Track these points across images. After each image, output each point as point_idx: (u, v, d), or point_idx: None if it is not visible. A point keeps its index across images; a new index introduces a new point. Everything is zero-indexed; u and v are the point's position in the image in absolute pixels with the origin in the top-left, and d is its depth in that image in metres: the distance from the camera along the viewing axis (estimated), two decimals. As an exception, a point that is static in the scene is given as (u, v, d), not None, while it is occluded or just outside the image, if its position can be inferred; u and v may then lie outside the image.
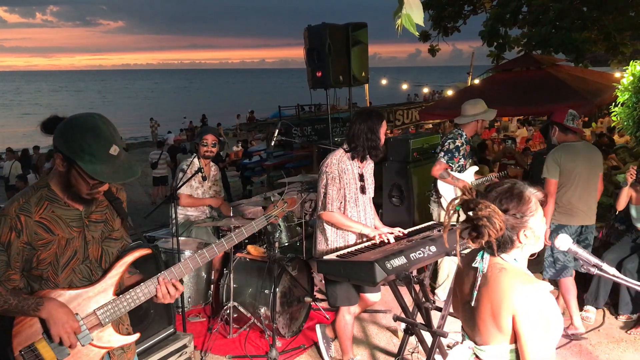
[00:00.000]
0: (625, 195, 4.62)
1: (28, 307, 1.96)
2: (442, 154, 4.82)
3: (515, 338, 1.80)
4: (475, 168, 5.09)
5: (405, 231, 3.72)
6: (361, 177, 3.70)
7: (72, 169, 1.95)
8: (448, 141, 4.85)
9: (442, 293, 5.13)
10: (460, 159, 4.87)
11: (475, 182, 4.93)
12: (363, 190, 3.70)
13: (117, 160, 1.96)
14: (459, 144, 4.84)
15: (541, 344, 1.75)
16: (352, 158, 3.65)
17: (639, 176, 4.44)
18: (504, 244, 1.86)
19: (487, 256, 1.89)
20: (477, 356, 1.94)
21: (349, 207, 3.65)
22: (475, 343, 1.95)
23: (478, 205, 1.81)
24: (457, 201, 1.88)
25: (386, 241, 3.49)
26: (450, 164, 4.82)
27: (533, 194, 1.87)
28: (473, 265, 1.93)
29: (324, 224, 3.70)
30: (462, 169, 4.91)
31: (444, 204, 4.88)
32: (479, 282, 1.89)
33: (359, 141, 3.59)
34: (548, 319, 1.76)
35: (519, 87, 8.94)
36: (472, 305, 1.91)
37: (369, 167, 3.81)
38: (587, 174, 4.31)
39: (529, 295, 1.76)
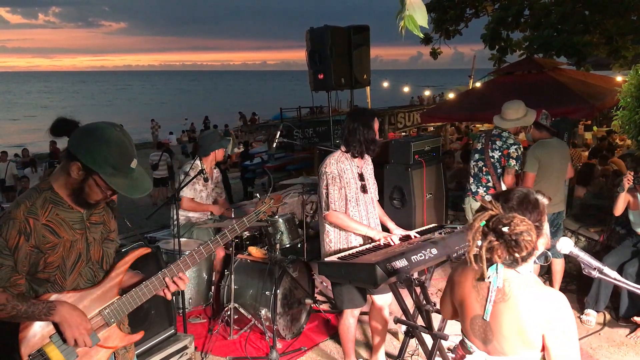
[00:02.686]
0: (623, 200, 4.62)
1: (39, 312, 1.95)
2: (514, 162, 4.72)
3: (536, 346, 1.83)
4: None
5: (418, 235, 3.71)
6: (361, 177, 3.70)
7: (90, 178, 1.96)
8: (514, 148, 4.75)
9: None
10: None
11: None
12: (364, 189, 3.70)
13: (134, 173, 2.00)
14: (522, 150, 4.81)
15: (576, 353, 1.80)
16: (353, 157, 3.66)
17: (636, 181, 4.46)
18: (529, 255, 1.83)
19: (501, 269, 1.86)
20: None
21: (351, 206, 3.65)
22: (490, 354, 1.94)
23: (513, 220, 1.76)
24: (483, 216, 1.82)
25: (391, 243, 3.49)
26: (518, 172, 4.80)
27: (542, 199, 1.88)
28: (487, 280, 1.88)
29: (327, 225, 3.71)
30: None
31: None
32: (492, 296, 1.87)
33: (355, 138, 3.61)
34: (575, 327, 1.82)
35: (521, 91, 8.93)
36: (487, 319, 1.89)
37: (367, 167, 3.82)
38: (559, 168, 4.86)
39: (558, 311, 1.80)
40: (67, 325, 1.97)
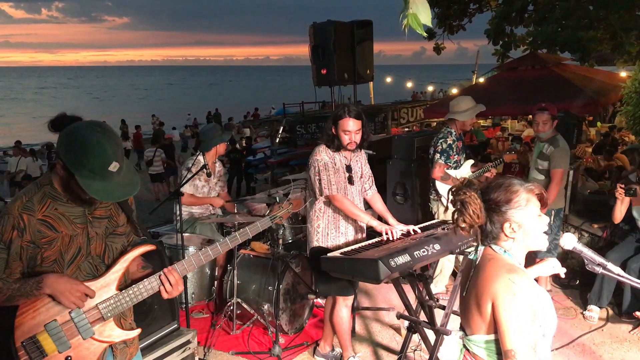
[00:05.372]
0: (619, 210, 4.66)
1: (30, 288, 1.96)
2: (438, 155, 4.91)
3: (495, 328, 1.79)
4: (471, 161, 5.18)
5: (418, 230, 3.71)
6: (348, 168, 3.74)
7: (72, 178, 1.94)
8: (440, 142, 4.94)
9: (434, 288, 5.16)
10: (454, 155, 4.97)
11: (474, 175, 5.02)
12: (351, 181, 3.74)
13: (116, 176, 1.94)
14: (451, 142, 4.94)
15: (520, 334, 1.72)
16: (332, 149, 3.70)
17: (627, 193, 4.51)
18: (489, 235, 1.90)
19: (481, 248, 1.93)
20: (467, 348, 1.95)
21: None
22: (467, 334, 1.96)
23: (459, 191, 1.88)
24: (452, 188, 1.94)
25: (392, 238, 3.49)
26: (448, 163, 4.93)
27: (526, 189, 1.87)
28: (469, 257, 1.98)
29: (317, 212, 3.73)
30: (457, 165, 5.02)
31: (443, 201, 5.01)
32: (472, 273, 1.92)
33: (324, 130, 3.71)
34: (532, 311, 1.73)
35: (524, 86, 8.93)
36: (464, 295, 1.94)
37: (358, 160, 3.86)
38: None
39: (510, 283, 1.75)
40: (59, 292, 1.98)
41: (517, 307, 1.72)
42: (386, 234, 3.53)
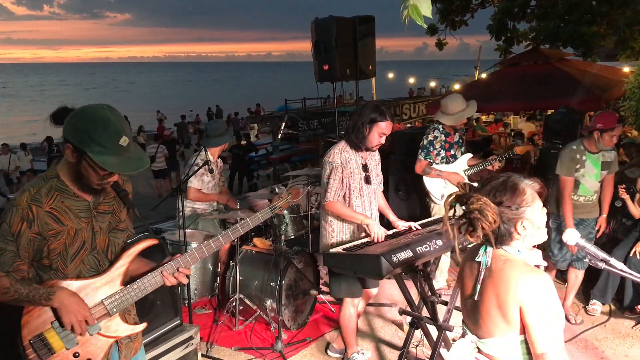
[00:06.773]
0: (632, 207, 4.70)
1: (39, 296, 1.98)
2: (419, 151, 4.96)
3: (523, 329, 1.80)
4: (469, 155, 5.13)
5: (419, 226, 3.71)
6: (365, 168, 3.71)
7: (83, 159, 1.97)
8: (423, 137, 4.99)
9: (434, 284, 5.18)
10: (439, 151, 4.97)
11: (474, 169, 5.03)
12: (367, 180, 3.71)
13: (126, 151, 1.98)
14: (432, 138, 4.94)
15: (551, 333, 1.74)
16: (354, 149, 3.65)
17: (628, 192, 4.54)
18: (502, 237, 1.87)
19: (490, 249, 1.90)
20: (479, 350, 1.94)
21: (354, 196, 3.66)
22: (478, 337, 1.95)
23: (470, 199, 1.84)
24: (452, 197, 1.90)
25: (376, 240, 3.43)
26: (428, 159, 4.95)
27: (528, 185, 1.87)
28: (476, 259, 1.93)
29: (329, 215, 3.71)
30: (448, 161, 5.01)
31: (433, 198, 5.05)
32: (482, 276, 1.89)
33: (353, 130, 3.60)
34: (556, 308, 1.75)
35: (527, 82, 8.90)
36: (476, 299, 1.91)
37: (372, 158, 3.82)
38: None
39: (536, 285, 1.75)
40: (66, 311, 2.00)
41: (547, 309, 1.74)
42: (373, 237, 3.49)
